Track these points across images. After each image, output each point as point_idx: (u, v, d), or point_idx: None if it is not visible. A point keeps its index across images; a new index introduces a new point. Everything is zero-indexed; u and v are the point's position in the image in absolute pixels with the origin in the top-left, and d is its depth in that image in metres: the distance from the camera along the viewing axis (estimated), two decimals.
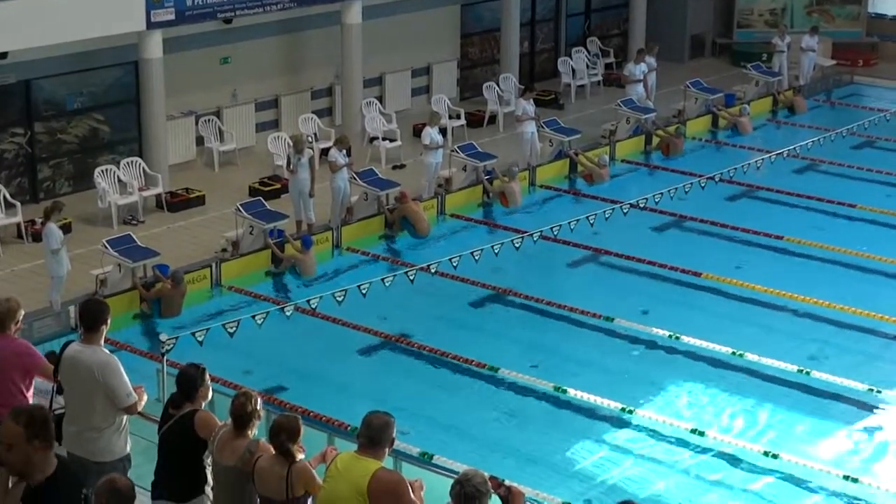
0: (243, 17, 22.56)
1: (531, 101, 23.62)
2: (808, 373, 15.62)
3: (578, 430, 14.60)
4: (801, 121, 27.36)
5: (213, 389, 8.99)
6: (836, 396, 15.39)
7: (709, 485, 13.57)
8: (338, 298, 15.99)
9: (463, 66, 27.86)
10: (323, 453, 8.66)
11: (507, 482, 7.98)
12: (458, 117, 25.40)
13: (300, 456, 8.33)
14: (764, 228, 20.57)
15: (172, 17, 20.83)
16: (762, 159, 22.11)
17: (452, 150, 22.81)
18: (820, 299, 17.83)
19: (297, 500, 8.28)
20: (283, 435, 8.29)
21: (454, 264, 17.13)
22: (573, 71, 28.44)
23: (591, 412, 14.85)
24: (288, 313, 15.89)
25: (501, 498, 7.61)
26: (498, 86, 26.32)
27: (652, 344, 16.65)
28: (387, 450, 8.00)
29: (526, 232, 18.36)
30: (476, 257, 17.38)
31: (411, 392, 15.32)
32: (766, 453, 13.87)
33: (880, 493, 13.25)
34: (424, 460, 12.71)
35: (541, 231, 18.32)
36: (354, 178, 20.64)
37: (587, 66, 28.80)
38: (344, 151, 20.24)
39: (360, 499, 7.82)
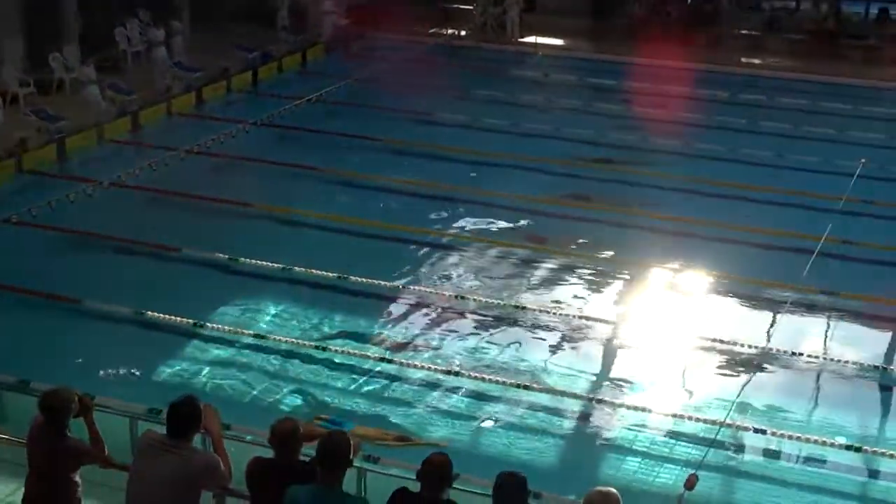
0: None
1: (92, 66, 22.89)
2: (345, 278, 16.01)
3: (158, 345, 14.31)
4: (326, 71, 27.78)
5: None
6: (369, 294, 15.84)
7: (267, 376, 13.66)
8: None
9: (30, 39, 26.36)
10: None
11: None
12: (29, 85, 24.12)
13: None
14: (303, 162, 20.83)
15: None
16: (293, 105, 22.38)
17: (26, 114, 21.86)
18: (348, 216, 18.36)
19: None
20: None
21: (33, 213, 16.41)
22: (128, 39, 27.61)
23: (168, 328, 14.58)
24: None
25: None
26: (62, 55, 25.18)
27: (215, 266, 16.51)
28: None
29: (96, 181, 17.80)
30: (53, 206, 16.72)
31: (12, 332, 14.45)
32: (317, 347, 14.16)
33: (410, 370, 13.83)
34: (22, 389, 12.14)
35: (110, 178, 17.81)
36: None
37: (140, 34, 27.99)
38: None
39: None
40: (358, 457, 7.25)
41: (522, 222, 18.74)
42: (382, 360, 13.99)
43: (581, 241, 18.06)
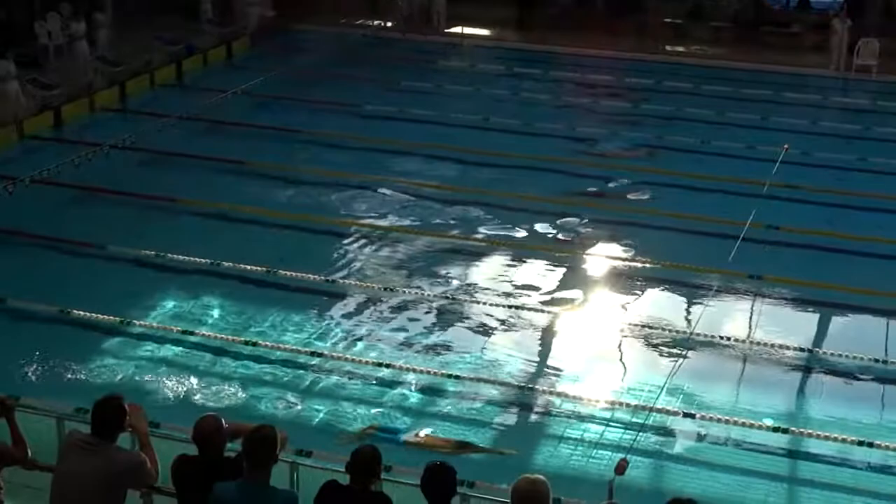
0: None
1: (11, 61, 22.45)
2: (275, 272, 15.87)
3: (85, 344, 14.04)
4: (252, 63, 27.56)
5: None
6: (300, 288, 15.70)
7: (196, 374, 13.46)
8: None
9: None
10: None
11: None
12: None
13: None
14: (229, 156, 20.61)
15: None
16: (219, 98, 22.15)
17: None
18: (279, 210, 18.17)
19: None
20: None
21: None
22: (49, 33, 27.14)
23: (95, 326, 14.35)
24: None
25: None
26: None
27: (142, 262, 16.29)
28: None
29: (17, 178, 17.49)
30: None
31: None
32: (246, 342, 13.99)
33: (338, 363, 13.70)
34: None
35: (31, 175, 17.50)
36: None
37: (62, 28, 27.54)
38: None
39: None
40: (286, 450, 7.18)
41: (457, 213, 18.77)
42: (313, 354, 13.88)
43: (500, 228, 18.09)
